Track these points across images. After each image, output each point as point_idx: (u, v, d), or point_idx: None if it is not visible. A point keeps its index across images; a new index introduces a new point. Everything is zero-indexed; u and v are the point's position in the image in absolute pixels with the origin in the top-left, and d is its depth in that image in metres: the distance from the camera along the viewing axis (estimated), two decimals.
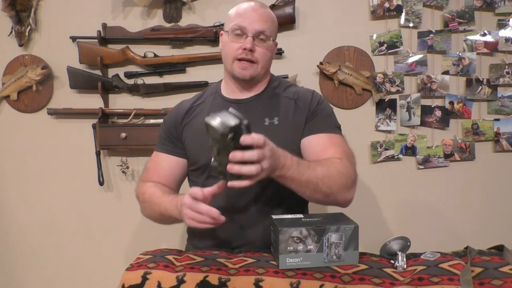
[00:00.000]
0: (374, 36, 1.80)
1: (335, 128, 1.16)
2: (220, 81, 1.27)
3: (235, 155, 0.78)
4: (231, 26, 1.12)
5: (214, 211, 0.90)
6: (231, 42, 1.13)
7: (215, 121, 0.77)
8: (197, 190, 0.92)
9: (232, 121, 0.76)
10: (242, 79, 1.14)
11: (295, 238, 0.87)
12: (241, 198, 1.12)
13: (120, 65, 1.86)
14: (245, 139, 0.79)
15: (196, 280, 0.85)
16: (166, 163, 1.21)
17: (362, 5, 1.81)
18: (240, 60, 1.11)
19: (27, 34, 1.83)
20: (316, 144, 1.11)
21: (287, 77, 1.76)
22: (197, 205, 0.91)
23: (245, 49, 1.10)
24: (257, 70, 1.13)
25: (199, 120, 1.19)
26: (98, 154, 1.85)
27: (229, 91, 1.21)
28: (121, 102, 1.88)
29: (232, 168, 0.79)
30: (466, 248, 0.90)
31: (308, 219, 0.93)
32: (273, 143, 0.95)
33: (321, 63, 1.79)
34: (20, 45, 1.85)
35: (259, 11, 1.13)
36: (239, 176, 0.82)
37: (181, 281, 0.85)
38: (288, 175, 0.94)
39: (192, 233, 1.25)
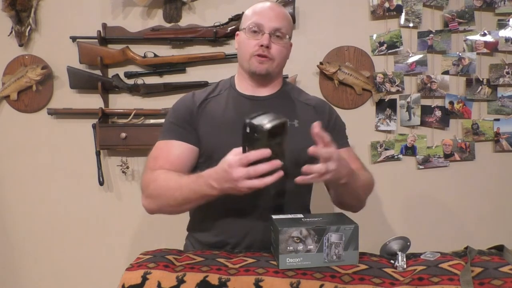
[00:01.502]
0: (374, 36, 1.80)
1: (347, 141, 1.26)
2: (232, 77, 1.26)
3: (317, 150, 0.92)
4: (248, 24, 1.15)
5: (277, 163, 0.87)
6: (248, 40, 1.15)
7: (273, 119, 0.84)
8: (239, 154, 0.88)
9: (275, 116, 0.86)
10: (259, 74, 1.15)
11: (295, 238, 0.87)
12: (244, 197, 1.12)
13: (120, 65, 1.86)
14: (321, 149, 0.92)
15: (196, 280, 0.85)
16: (180, 150, 1.14)
17: (362, 5, 1.81)
18: (257, 56, 1.14)
19: (27, 34, 1.83)
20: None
21: (287, 77, 1.76)
22: (256, 169, 0.87)
23: (262, 45, 1.12)
24: (272, 66, 1.15)
25: (215, 113, 1.17)
26: (98, 154, 1.85)
27: (244, 88, 1.21)
28: (121, 102, 1.88)
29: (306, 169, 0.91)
30: (466, 248, 0.90)
31: (308, 219, 0.93)
32: (295, 144, 1.05)
33: (321, 63, 1.79)
34: (20, 45, 1.85)
35: (276, 9, 1.16)
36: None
37: (181, 281, 0.85)
38: (350, 182, 1.03)
39: (196, 227, 1.24)
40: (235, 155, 0.89)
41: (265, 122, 0.83)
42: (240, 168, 0.87)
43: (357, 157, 1.25)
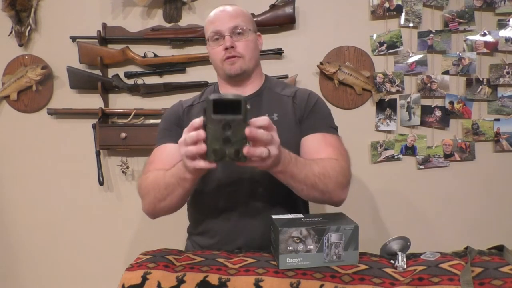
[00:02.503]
0: (374, 36, 1.80)
1: (331, 128, 1.17)
2: (217, 82, 1.28)
3: (258, 133, 0.76)
4: (209, 35, 1.18)
5: (201, 147, 0.76)
6: (213, 49, 1.17)
7: (229, 95, 0.72)
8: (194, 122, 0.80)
9: (236, 95, 0.72)
10: (235, 75, 1.16)
11: (295, 238, 0.87)
12: (241, 195, 1.12)
13: (120, 65, 1.86)
14: (258, 120, 0.77)
15: (196, 280, 0.85)
16: (173, 152, 1.15)
17: (362, 5, 1.81)
18: (226, 59, 1.15)
19: (27, 34, 1.84)
20: (311, 143, 1.13)
21: (287, 77, 1.76)
22: (187, 150, 0.80)
23: (226, 48, 1.14)
24: (245, 62, 1.16)
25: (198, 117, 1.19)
26: (98, 154, 1.85)
27: (226, 91, 1.22)
28: (121, 102, 1.88)
29: (248, 151, 0.74)
30: (466, 248, 0.90)
31: (308, 219, 0.93)
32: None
33: (321, 63, 1.79)
34: (20, 45, 1.85)
35: (227, 10, 1.18)
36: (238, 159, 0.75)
37: (181, 281, 0.85)
38: (288, 170, 0.94)
39: (193, 231, 1.25)
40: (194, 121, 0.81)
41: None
42: (181, 143, 0.83)
43: (333, 144, 1.12)
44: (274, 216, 0.95)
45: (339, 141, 1.16)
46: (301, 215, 0.97)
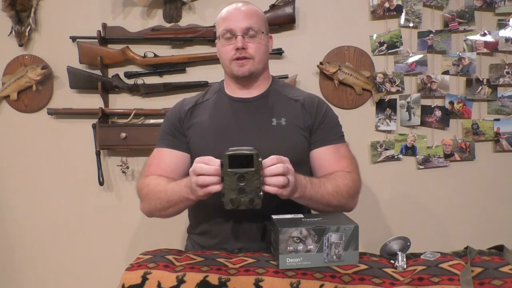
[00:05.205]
0: (374, 36, 1.80)
1: (341, 137, 1.21)
2: (222, 80, 1.27)
3: (271, 169, 0.87)
4: (220, 32, 1.16)
5: (203, 179, 0.88)
6: (223, 47, 1.16)
7: (242, 150, 0.84)
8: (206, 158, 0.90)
9: (248, 150, 0.85)
10: (242, 77, 1.15)
11: (295, 238, 0.87)
12: None
13: (120, 65, 1.86)
14: (267, 161, 0.88)
15: (196, 280, 0.85)
16: (170, 158, 1.19)
17: (362, 5, 1.81)
18: (236, 60, 1.14)
19: (27, 34, 1.84)
20: (325, 157, 1.16)
21: (287, 77, 1.76)
22: (199, 179, 0.89)
23: (237, 48, 1.12)
24: (254, 65, 1.15)
25: (202, 119, 1.19)
26: (98, 154, 1.85)
27: (232, 91, 1.22)
28: (121, 102, 1.88)
29: (266, 181, 0.87)
30: (466, 248, 0.91)
31: (308, 219, 0.93)
32: (282, 143, 1.07)
33: (321, 63, 1.79)
34: (20, 45, 1.85)
35: (242, 9, 1.15)
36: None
37: (181, 281, 0.85)
38: (307, 194, 1.00)
39: (193, 231, 1.25)
40: (203, 157, 0.91)
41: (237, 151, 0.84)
42: (197, 163, 0.91)
43: (345, 155, 1.17)
44: (274, 216, 0.95)
45: (349, 149, 1.20)
46: (301, 215, 0.97)
